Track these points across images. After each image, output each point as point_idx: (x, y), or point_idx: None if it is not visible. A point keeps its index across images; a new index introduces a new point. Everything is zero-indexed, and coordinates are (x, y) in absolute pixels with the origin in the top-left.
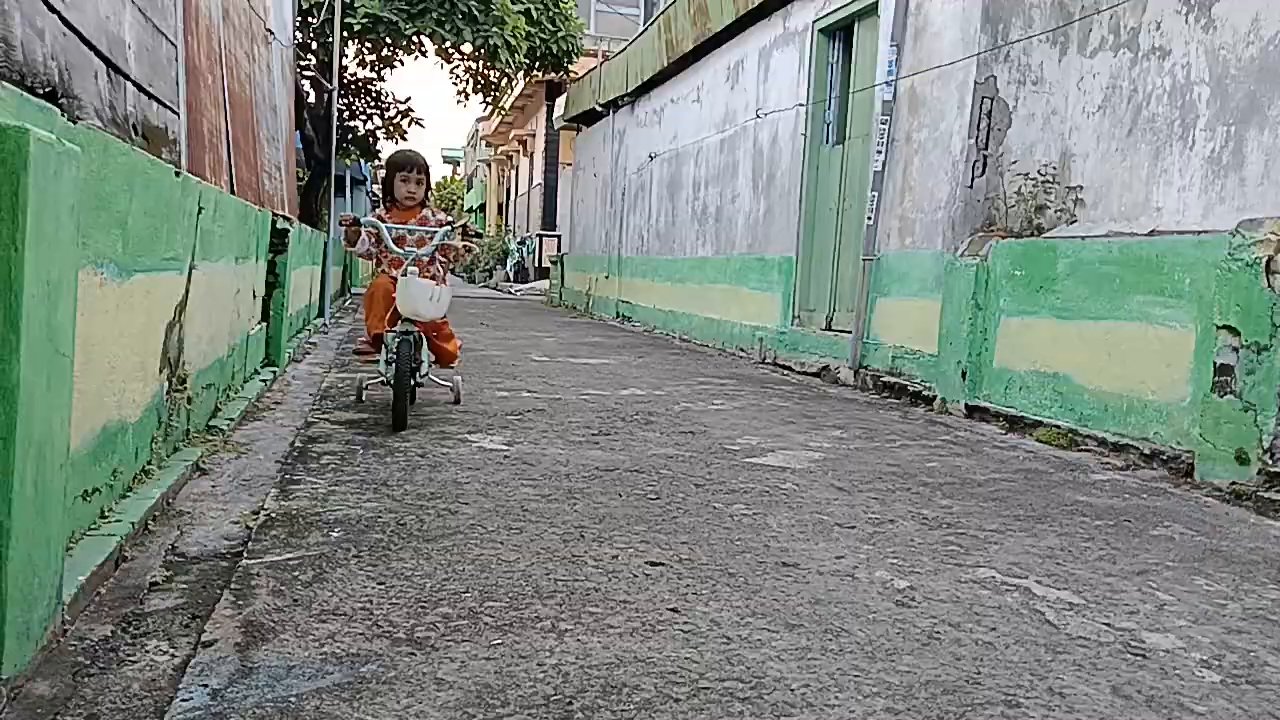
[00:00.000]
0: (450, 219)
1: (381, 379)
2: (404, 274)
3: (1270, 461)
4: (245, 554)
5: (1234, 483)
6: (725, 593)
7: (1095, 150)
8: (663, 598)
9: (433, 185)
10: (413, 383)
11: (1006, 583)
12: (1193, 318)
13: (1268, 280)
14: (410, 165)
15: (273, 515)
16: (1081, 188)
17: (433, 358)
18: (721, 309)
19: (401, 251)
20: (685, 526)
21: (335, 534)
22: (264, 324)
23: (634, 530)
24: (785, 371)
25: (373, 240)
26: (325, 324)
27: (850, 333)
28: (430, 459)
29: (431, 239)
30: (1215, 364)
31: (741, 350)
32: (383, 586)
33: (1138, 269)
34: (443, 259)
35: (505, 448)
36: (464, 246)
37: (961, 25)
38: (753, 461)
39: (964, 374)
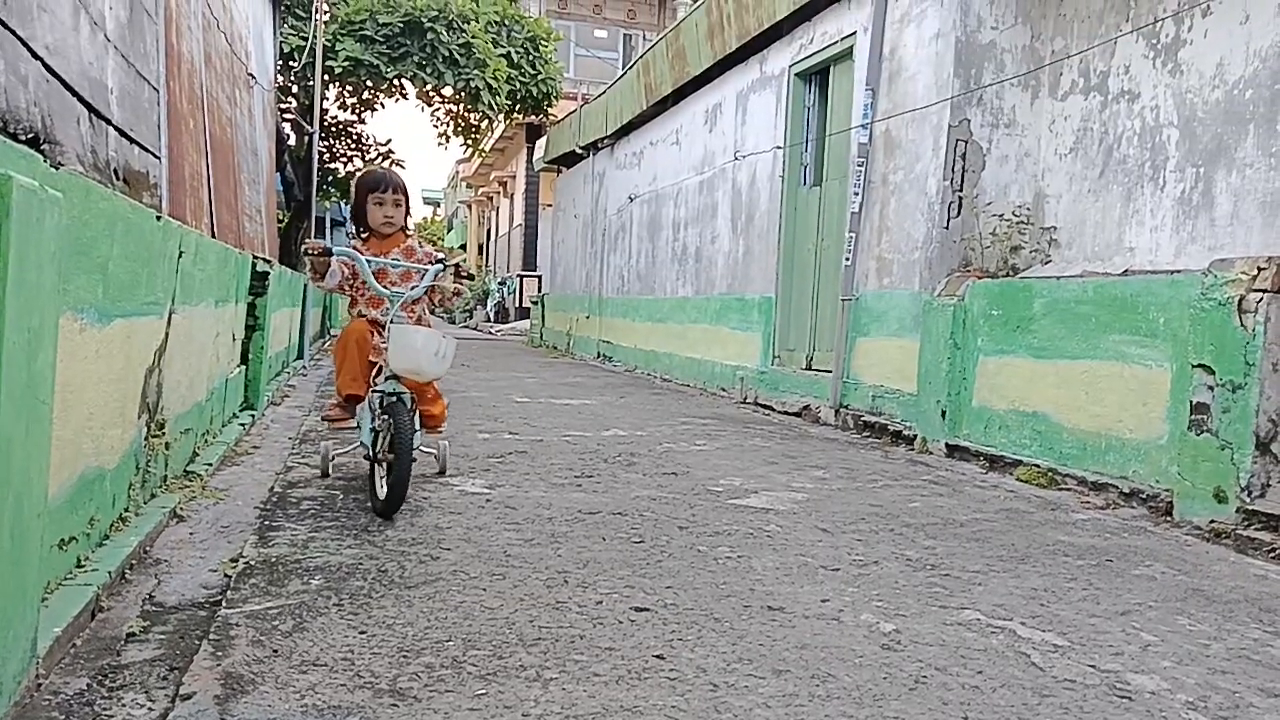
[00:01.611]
0: (441, 255)
1: (365, 451)
2: (392, 320)
3: (1248, 499)
4: (224, 603)
5: (1213, 521)
6: (711, 638)
7: (1068, 191)
8: (648, 644)
9: (412, 210)
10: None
11: (991, 624)
12: (1168, 356)
13: (1240, 319)
14: (384, 184)
15: (252, 563)
16: (1055, 228)
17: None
18: (702, 349)
19: (387, 291)
20: (670, 570)
21: (315, 582)
22: (243, 367)
23: (618, 575)
24: (766, 411)
25: (347, 272)
26: (304, 366)
27: (830, 372)
28: (411, 504)
29: (420, 277)
30: (1191, 402)
31: (723, 390)
32: (364, 635)
33: (1113, 308)
34: (428, 300)
35: (487, 491)
36: (454, 290)
37: (935, 69)
38: (736, 503)
39: (944, 413)
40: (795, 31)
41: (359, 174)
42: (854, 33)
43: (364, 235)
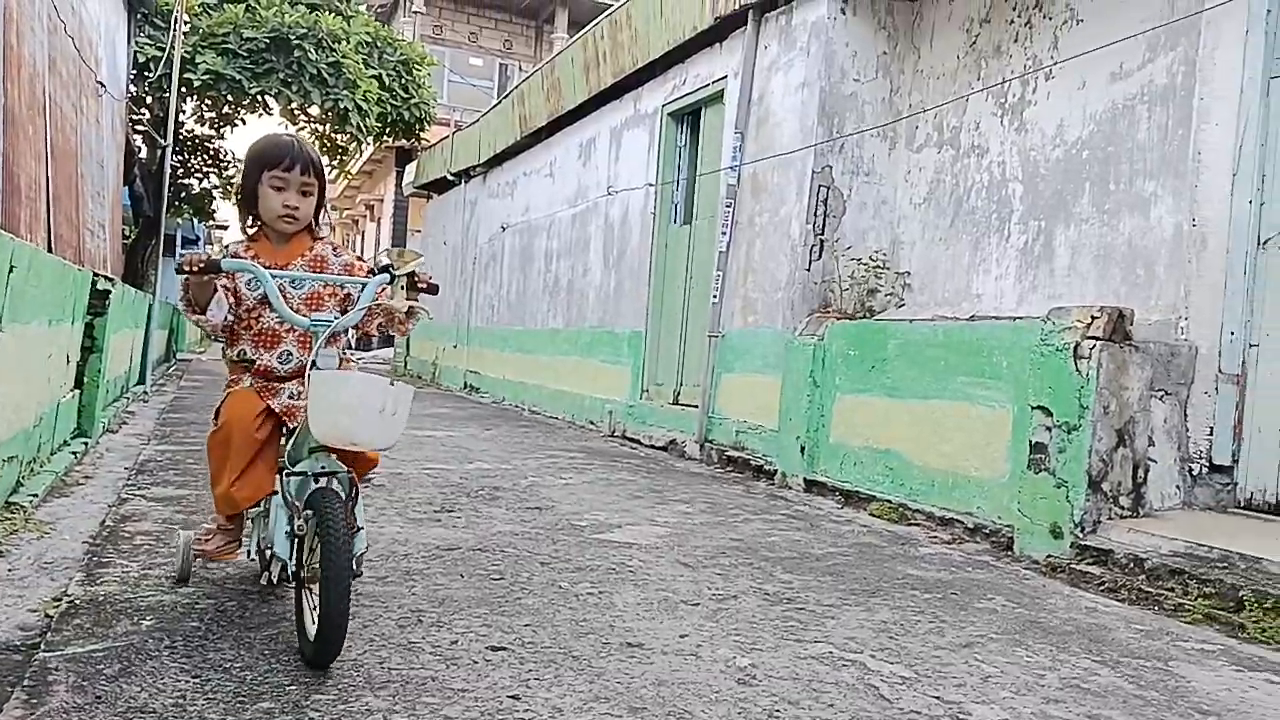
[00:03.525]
0: (387, 262)
1: (278, 564)
2: (315, 363)
3: (1081, 535)
4: (43, 646)
5: (1049, 555)
6: (568, 677)
7: (922, 238)
8: (503, 684)
9: (328, 201)
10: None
11: (843, 658)
12: (1010, 398)
13: (1076, 364)
14: (288, 157)
15: (77, 602)
16: (909, 273)
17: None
18: (572, 381)
19: (306, 320)
20: (529, 608)
21: (147, 623)
22: (77, 391)
23: (475, 613)
24: (634, 445)
25: (234, 303)
26: (146, 392)
27: (697, 407)
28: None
29: (352, 295)
30: (1031, 442)
31: (591, 423)
32: (198, 680)
33: (960, 351)
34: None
35: None
36: (407, 310)
37: (800, 117)
38: (600, 538)
39: (803, 449)
40: (669, 72)
41: (254, 141)
42: (725, 77)
43: (253, 232)
